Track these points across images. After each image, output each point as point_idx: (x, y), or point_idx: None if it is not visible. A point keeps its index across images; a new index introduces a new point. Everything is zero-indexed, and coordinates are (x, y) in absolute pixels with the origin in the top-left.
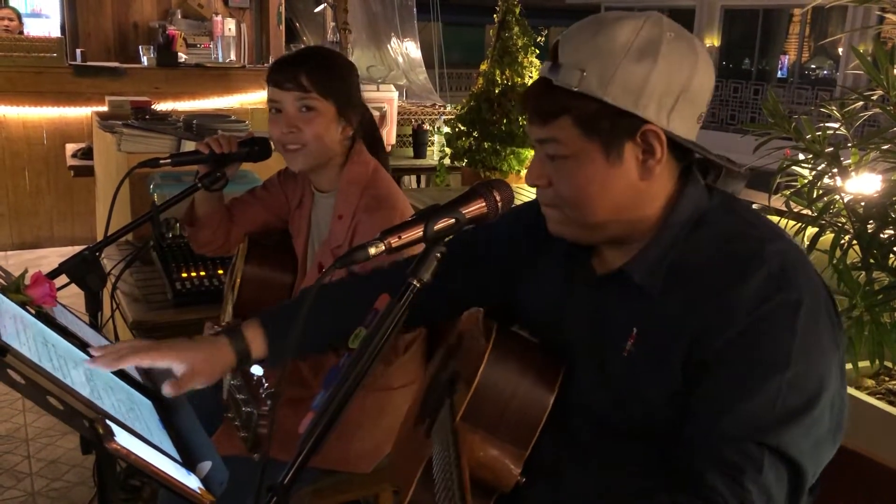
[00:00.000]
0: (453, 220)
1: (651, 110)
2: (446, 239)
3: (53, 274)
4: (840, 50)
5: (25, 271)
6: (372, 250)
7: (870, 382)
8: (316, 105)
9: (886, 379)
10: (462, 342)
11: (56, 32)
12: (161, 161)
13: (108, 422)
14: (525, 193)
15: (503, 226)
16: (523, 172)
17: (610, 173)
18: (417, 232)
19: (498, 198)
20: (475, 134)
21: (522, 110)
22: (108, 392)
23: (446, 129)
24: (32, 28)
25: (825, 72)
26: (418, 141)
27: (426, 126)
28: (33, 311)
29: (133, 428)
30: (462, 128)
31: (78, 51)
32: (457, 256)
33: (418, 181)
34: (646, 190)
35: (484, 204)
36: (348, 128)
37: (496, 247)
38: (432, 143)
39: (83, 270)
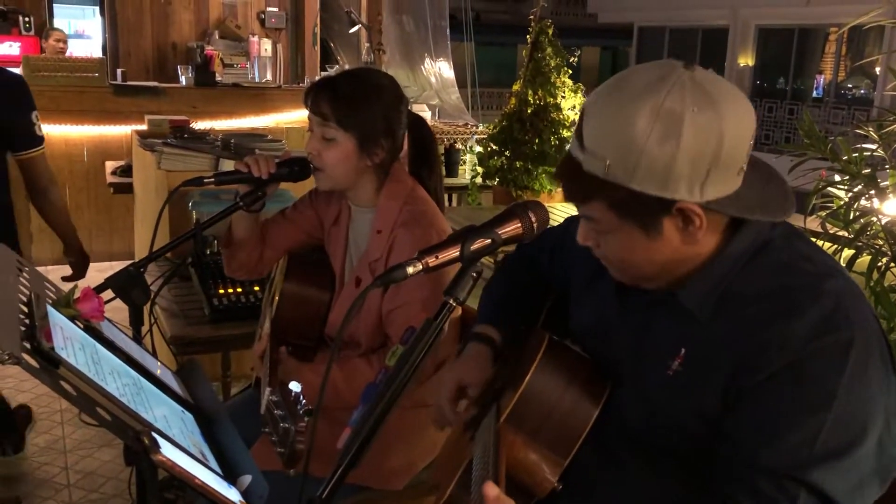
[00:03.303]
0: (489, 241)
1: (682, 190)
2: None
3: (99, 288)
4: (878, 70)
5: (75, 286)
6: (410, 269)
7: None
8: (335, 136)
9: None
10: (515, 355)
11: (98, 53)
12: (205, 180)
13: (153, 433)
14: (559, 214)
15: (568, 239)
16: (555, 192)
17: (652, 245)
18: (454, 252)
19: (533, 219)
20: (507, 153)
21: (557, 185)
22: (154, 405)
23: (478, 149)
24: (75, 49)
25: (862, 91)
26: (450, 160)
27: (458, 145)
28: (81, 325)
29: (176, 440)
30: (494, 147)
31: (118, 70)
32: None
33: (450, 200)
34: (693, 248)
35: (520, 225)
36: (375, 156)
37: (559, 259)
38: (464, 162)
39: (129, 285)
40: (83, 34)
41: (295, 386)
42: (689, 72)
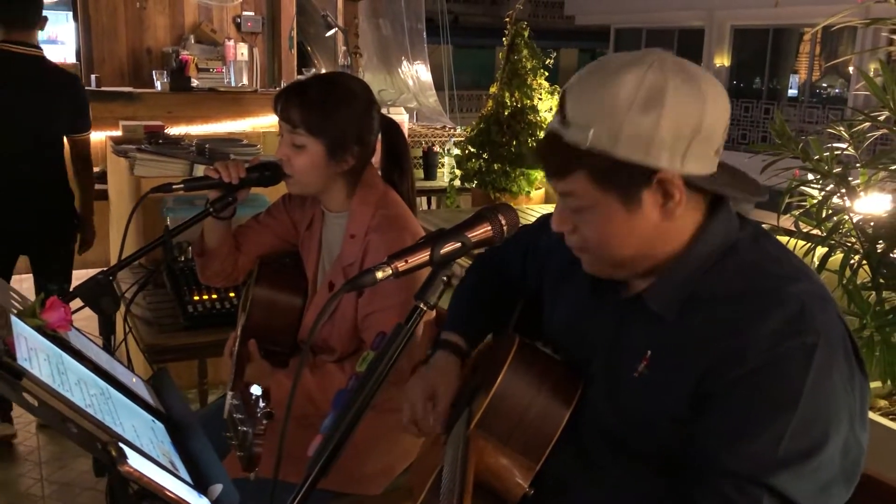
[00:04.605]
0: (459, 245)
1: (664, 158)
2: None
3: (68, 298)
4: (851, 69)
5: (42, 296)
6: (379, 274)
7: (882, 403)
8: (304, 143)
9: None
10: (487, 358)
11: (71, 59)
12: (174, 186)
13: (120, 444)
14: (531, 214)
15: (542, 238)
16: (533, 193)
17: (631, 219)
18: (424, 256)
19: (503, 222)
20: (485, 156)
21: (536, 164)
22: (122, 415)
23: (456, 151)
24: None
25: (837, 90)
26: (428, 163)
27: (436, 148)
28: (49, 336)
29: (145, 451)
30: (472, 150)
31: (92, 76)
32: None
33: (429, 203)
34: (671, 227)
35: (489, 228)
36: (344, 163)
37: (532, 259)
38: (442, 165)
39: (97, 294)
40: (56, 39)
41: (255, 389)
42: (667, 54)
